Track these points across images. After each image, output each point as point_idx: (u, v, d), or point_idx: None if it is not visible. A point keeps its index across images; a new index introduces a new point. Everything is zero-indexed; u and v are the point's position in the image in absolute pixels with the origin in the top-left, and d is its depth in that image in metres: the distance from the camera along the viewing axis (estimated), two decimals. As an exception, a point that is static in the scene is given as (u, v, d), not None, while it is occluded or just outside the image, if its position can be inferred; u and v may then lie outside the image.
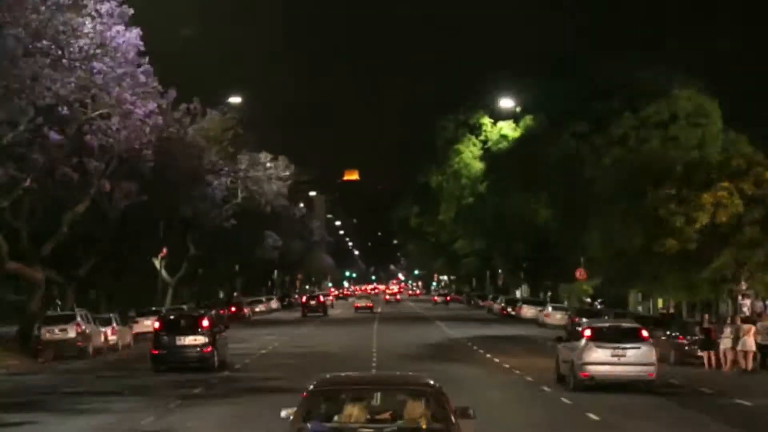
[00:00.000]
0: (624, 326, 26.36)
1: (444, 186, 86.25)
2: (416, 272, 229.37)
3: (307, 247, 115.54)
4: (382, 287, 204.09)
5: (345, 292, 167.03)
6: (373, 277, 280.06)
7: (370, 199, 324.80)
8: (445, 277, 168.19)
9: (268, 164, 64.46)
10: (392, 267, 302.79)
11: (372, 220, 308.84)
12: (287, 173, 66.79)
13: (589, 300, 59.92)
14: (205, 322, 30.97)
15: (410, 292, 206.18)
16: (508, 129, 79.87)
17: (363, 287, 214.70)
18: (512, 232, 69.89)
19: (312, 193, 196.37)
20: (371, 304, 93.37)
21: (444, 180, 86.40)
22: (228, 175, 59.57)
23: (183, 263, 61.59)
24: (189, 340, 30.41)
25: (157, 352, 30.25)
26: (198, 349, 30.29)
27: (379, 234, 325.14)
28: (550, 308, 62.59)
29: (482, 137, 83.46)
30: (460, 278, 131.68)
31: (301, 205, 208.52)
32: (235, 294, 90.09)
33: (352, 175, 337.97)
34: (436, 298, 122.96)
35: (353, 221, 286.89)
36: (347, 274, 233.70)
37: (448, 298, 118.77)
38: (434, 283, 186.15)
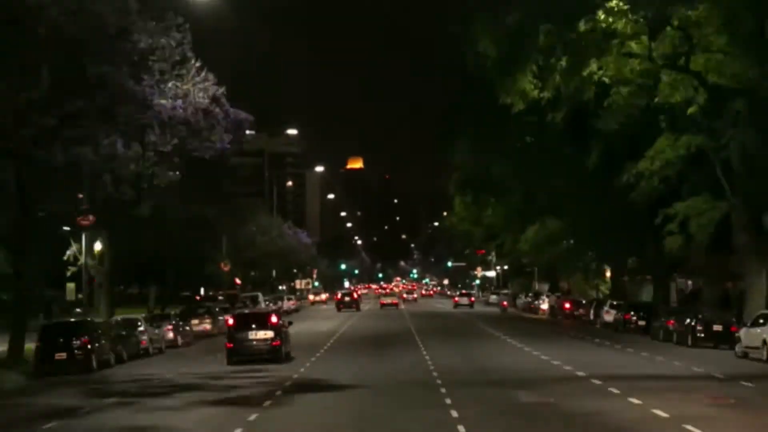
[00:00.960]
0: None
1: None
2: (449, 264, 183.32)
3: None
4: (389, 286, 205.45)
5: (357, 292, 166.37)
6: (380, 275, 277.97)
7: (377, 189, 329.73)
8: (495, 272, 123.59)
9: None
10: (402, 263, 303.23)
11: (378, 211, 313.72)
12: None
13: None
14: (274, 318, 36.02)
15: (423, 291, 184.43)
16: None
17: (368, 285, 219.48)
18: None
19: (319, 168, 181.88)
20: (396, 302, 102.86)
21: None
22: None
23: None
24: (260, 334, 35.43)
25: (231, 345, 35.29)
26: (268, 342, 35.30)
27: (386, 228, 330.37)
28: None
29: None
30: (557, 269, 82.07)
31: (290, 185, 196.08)
32: None
33: (356, 163, 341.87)
34: (456, 299, 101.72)
35: (357, 213, 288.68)
36: (342, 267, 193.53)
37: (472, 299, 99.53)
38: (477, 281, 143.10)
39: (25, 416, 22.61)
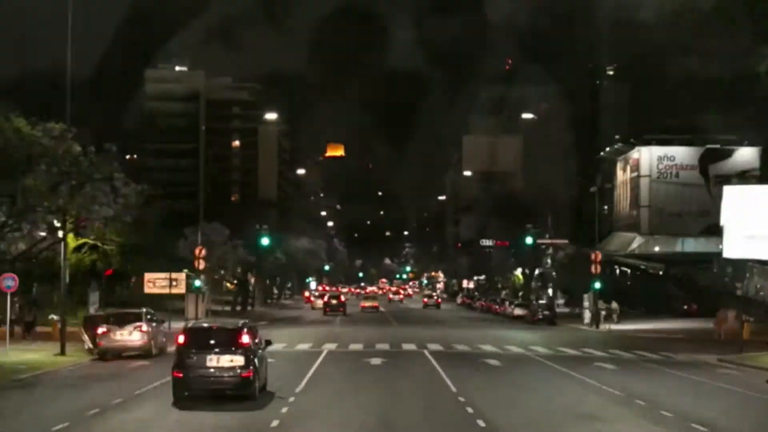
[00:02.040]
0: None
1: None
2: (529, 241, 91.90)
3: None
4: (369, 288, 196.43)
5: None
6: (361, 274, 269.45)
7: (358, 179, 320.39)
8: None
9: None
10: (388, 261, 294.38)
11: (360, 204, 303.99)
12: None
13: None
14: (245, 338, 26.48)
15: (403, 294, 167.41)
16: None
17: (336, 287, 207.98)
18: None
19: (271, 116, 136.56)
20: (377, 304, 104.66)
21: None
22: None
23: None
24: (224, 360, 25.89)
25: (181, 375, 25.65)
26: (236, 371, 25.82)
27: (369, 222, 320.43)
28: None
29: None
30: None
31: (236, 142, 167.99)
32: None
33: (337, 151, 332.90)
34: (425, 300, 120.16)
35: (336, 207, 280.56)
36: (265, 242, 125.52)
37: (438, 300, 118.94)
38: (595, 284, 71.52)
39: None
